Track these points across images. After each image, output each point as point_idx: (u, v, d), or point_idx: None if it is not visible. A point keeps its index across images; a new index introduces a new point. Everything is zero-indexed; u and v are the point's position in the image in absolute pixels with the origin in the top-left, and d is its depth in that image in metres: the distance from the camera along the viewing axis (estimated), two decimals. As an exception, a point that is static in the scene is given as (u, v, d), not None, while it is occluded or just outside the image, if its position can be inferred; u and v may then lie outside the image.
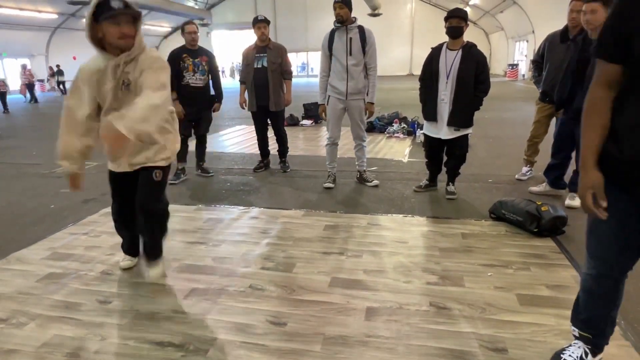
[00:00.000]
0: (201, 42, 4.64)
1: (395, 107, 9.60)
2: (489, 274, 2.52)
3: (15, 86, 18.42)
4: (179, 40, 4.55)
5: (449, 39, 3.58)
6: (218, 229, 3.34)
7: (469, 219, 3.39)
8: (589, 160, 1.41)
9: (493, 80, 4.47)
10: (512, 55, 25.17)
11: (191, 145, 4.76)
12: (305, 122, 8.72)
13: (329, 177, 4.37)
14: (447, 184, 3.97)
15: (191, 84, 4.45)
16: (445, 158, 3.94)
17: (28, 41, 23.04)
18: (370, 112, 4.11)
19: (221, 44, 31.98)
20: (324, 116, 4.24)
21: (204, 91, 4.57)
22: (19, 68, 17.82)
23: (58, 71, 21.22)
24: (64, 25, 24.28)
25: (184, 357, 1.87)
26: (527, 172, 4.42)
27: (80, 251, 2.97)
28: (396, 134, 7.15)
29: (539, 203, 3.12)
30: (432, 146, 3.89)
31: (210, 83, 4.64)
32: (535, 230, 3.01)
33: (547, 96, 3.94)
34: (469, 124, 3.65)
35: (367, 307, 2.21)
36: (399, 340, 1.94)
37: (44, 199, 4.20)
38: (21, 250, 3.00)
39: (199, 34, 4.57)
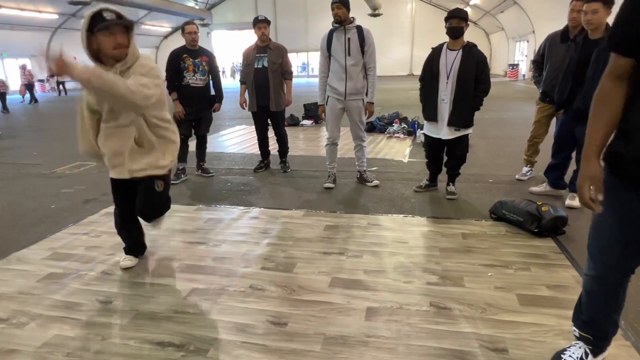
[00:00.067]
0: (201, 42, 4.64)
1: (396, 107, 9.62)
2: (489, 274, 2.52)
3: (16, 86, 18.42)
4: (179, 41, 4.55)
5: (449, 39, 3.58)
6: (218, 229, 3.34)
7: (469, 219, 3.39)
8: (592, 149, 1.39)
9: (493, 80, 4.47)
10: (513, 55, 25.15)
11: (191, 145, 4.77)
12: (306, 122, 8.72)
13: (329, 177, 4.37)
14: (448, 184, 3.97)
15: (191, 84, 4.45)
16: (446, 158, 3.94)
17: (28, 41, 23.05)
18: (370, 112, 4.10)
19: (221, 44, 31.97)
20: (323, 116, 4.25)
21: (204, 91, 4.57)
22: (19, 68, 17.81)
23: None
24: (64, 26, 24.28)
25: (184, 357, 1.87)
26: (527, 172, 4.42)
27: (80, 251, 2.97)
28: (396, 134, 7.15)
29: (540, 203, 3.12)
30: (433, 146, 3.89)
31: (211, 83, 4.64)
32: (535, 230, 3.00)
33: (548, 96, 3.94)
34: (469, 124, 3.65)
35: (367, 307, 2.21)
36: (399, 340, 1.94)
37: (44, 199, 4.20)
38: (22, 251, 3.01)
39: (199, 34, 4.57)
